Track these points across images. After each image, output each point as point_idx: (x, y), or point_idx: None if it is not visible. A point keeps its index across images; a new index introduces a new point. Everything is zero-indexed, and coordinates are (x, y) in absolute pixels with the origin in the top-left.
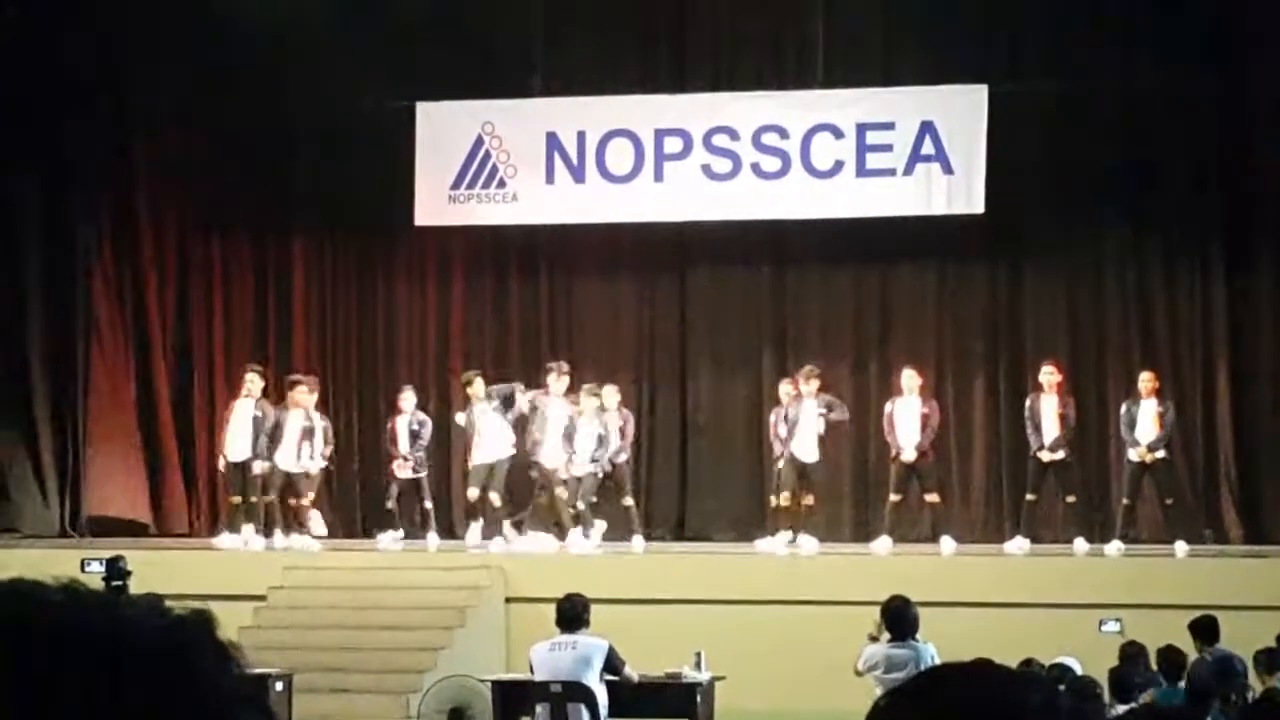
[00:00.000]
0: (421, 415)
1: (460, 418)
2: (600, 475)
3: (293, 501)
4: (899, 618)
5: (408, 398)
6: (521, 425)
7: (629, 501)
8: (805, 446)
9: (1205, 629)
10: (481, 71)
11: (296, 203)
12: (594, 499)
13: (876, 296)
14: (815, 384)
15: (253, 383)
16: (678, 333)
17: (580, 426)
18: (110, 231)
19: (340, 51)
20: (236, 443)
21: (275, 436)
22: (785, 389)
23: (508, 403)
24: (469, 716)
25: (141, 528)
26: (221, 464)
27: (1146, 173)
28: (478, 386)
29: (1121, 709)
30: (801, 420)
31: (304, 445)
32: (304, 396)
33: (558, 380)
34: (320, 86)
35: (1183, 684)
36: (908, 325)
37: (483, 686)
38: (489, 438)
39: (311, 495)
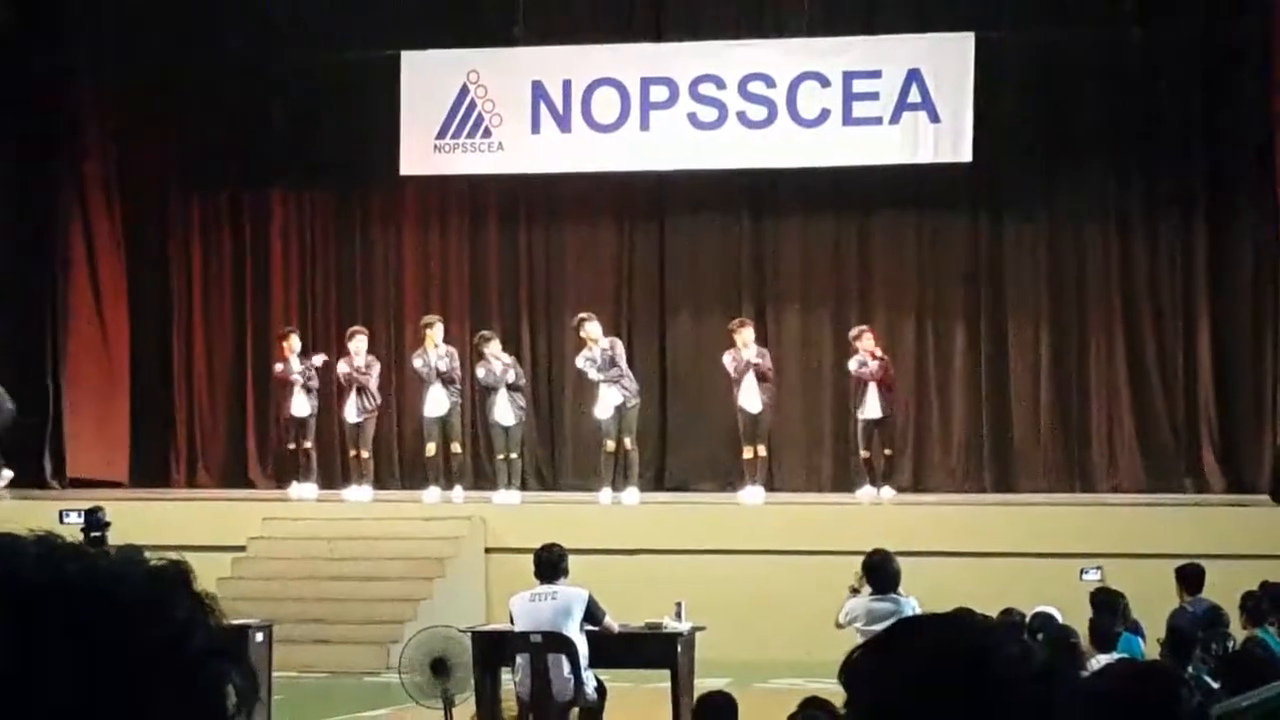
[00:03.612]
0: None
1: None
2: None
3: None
4: (880, 571)
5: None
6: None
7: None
8: (749, 397)
9: (1190, 577)
10: (465, 20)
11: (277, 155)
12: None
13: (855, 245)
14: (750, 333)
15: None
16: (657, 283)
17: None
18: (89, 185)
19: (323, 1)
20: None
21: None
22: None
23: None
24: (451, 666)
25: (115, 484)
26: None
27: (1129, 123)
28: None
29: (1103, 658)
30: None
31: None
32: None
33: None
34: (303, 36)
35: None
36: (887, 274)
37: (463, 637)
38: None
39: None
